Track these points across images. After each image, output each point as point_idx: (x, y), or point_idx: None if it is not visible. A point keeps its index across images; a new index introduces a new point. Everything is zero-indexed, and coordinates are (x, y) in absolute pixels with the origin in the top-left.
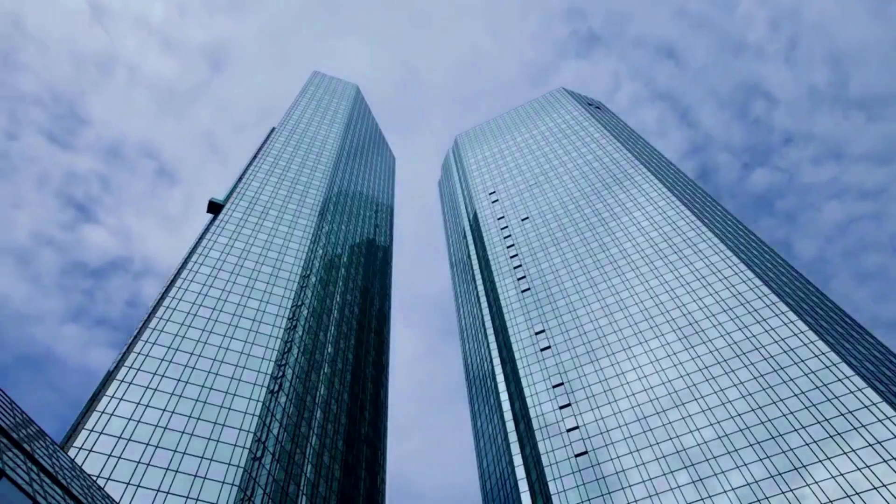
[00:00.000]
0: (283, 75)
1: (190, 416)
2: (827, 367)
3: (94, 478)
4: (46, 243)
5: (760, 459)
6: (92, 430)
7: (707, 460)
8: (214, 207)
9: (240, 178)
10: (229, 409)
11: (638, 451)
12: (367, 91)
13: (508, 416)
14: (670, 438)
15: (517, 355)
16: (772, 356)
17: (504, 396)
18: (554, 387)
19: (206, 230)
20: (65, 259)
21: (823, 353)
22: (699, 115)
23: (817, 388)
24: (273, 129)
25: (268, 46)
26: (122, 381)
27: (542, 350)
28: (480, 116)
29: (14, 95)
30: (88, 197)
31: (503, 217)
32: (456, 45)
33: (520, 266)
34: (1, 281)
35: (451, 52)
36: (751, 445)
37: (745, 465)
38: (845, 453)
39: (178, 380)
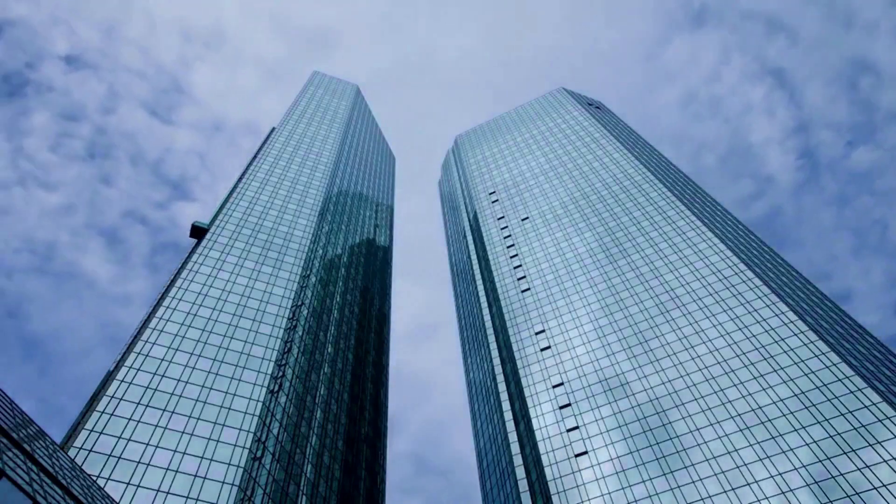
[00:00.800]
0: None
1: (190, 416)
2: (827, 367)
3: (94, 478)
4: (138, 222)
5: (760, 459)
6: (92, 430)
7: (707, 460)
8: (197, 232)
9: (240, 179)
10: (229, 409)
11: (638, 451)
12: (367, 90)
13: (508, 416)
14: (670, 438)
15: (517, 355)
16: (772, 356)
17: (504, 396)
18: (554, 387)
19: (207, 229)
20: (155, 239)
21: (823, 353)
22: (806, 91)
23: (817, 388)
24: (273, 129)
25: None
26: (122, 381)
27: (542, 350)
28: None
29: (117, 67)
30: (184, 174)
31: (503, 217)
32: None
33: (520, 266)
34: (89, 261)
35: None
36: (751, 445)
37: (746, 465)
38: (845, 453)
39: (178, 380)
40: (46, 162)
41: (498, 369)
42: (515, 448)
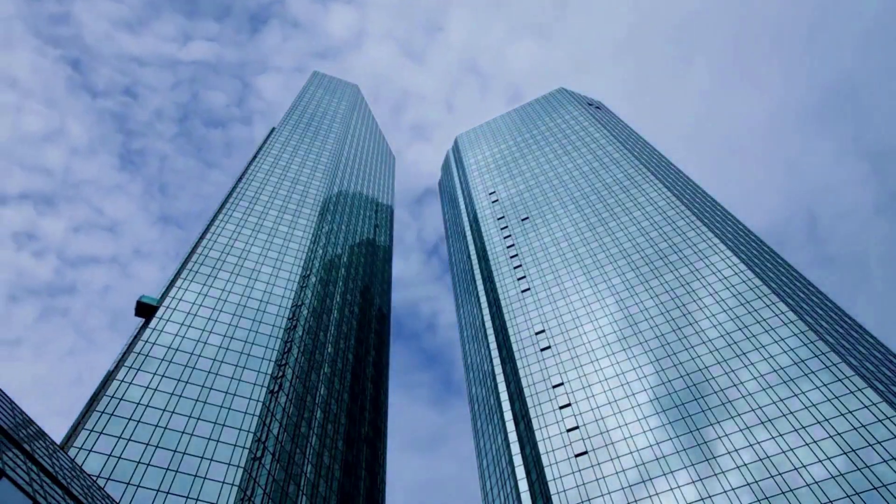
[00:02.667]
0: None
1: (190, 416)
2: (827, 367)
3: (94, 478)
4: None
5: (760, 459)
6: (92, 430)
7: (707, 460)
8: (144, 310)
9: (240, 178)
10: (229, 409)
11: (638, 451)
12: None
13: (508, 416)
14: (670, 439)
15: (517, 355)
16: (772, 356)
17: (504, 396)
18: (554, 387)
19: (207, 230)
20: None
21: (823, 353)
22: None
23: (817, 388)
24: (273, 129)
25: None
26: (122, 381)
27: (542, 350)
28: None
29: None
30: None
31: (503, 217)
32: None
33: (520, 266)
34: None
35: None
36: (751, 445)
37: (746, 465)
38: (845, 453)
39: (178, 380)
40: None
41: (498, 369)
42: (515, 448)
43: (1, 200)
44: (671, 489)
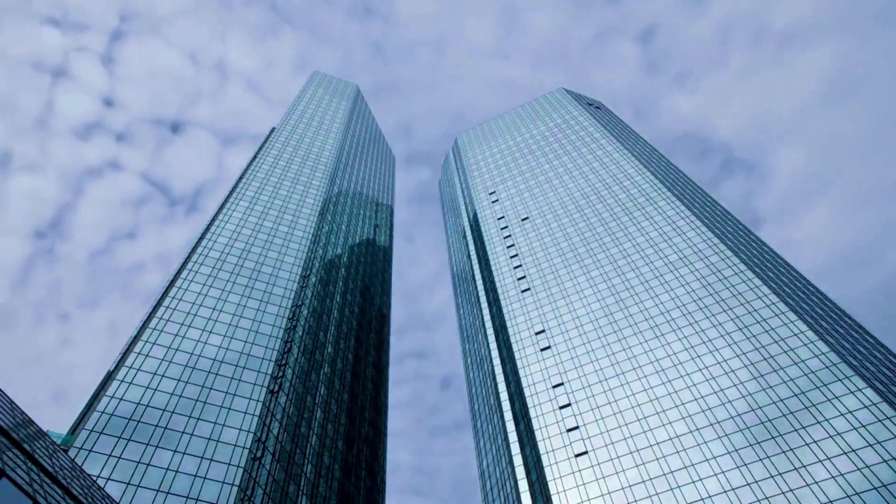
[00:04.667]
0: None
1: (190, 416)
2: (827, 367)
3: (94, 478)
4: None
5: (760, 459)
6: (92, 430)
7: (707, 460)
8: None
9: (240, 178)
10: (229, 409)
11: (638, 451)
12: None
13: (508, 416)
14: (670, 438)
15: (517, 355)
16: (772, 356)
17: (504, 396)
18: (554, 387)
19: (207, 230)
20: None
21: (823, 353)
22: None
23: (817, 388)
24: (273, 129)
25: None
26: (122, 381)
27: (542, 350)
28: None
29: None
30: None
31: (503, 217)
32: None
33: (520, 266)
34: None
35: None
36: (751, 445)
37: (746, 464)
38: (845, 453)
39: (178, 380)
40: None
41: (498, 369)
42: (515, 448)
43: None
44: (671, 489)
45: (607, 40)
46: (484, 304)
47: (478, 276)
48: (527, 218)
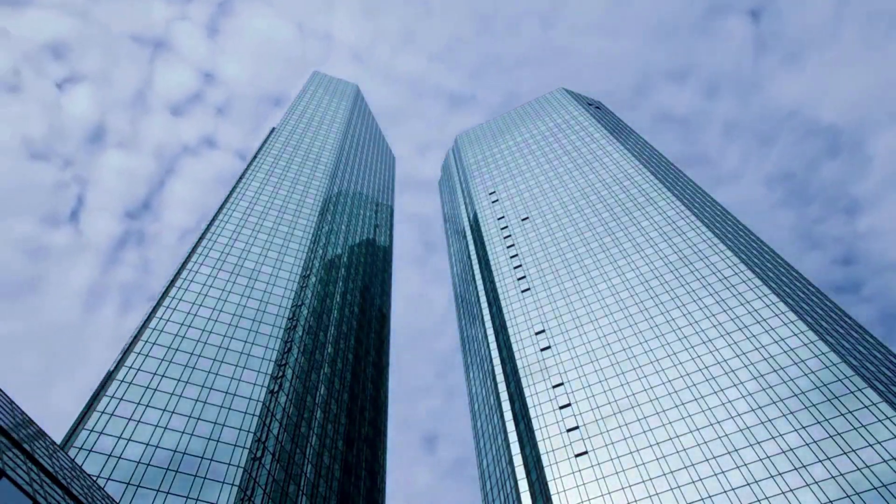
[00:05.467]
0: None
1: (190, 416)
2: (827, 367)
3: (94, 478)
4: None
5: (760, 459)
6: (92, 430)
7: (707, 460)
8: None
9: (240, 178)
10: (229, 409)
11: (638, 451)
12: (368, 89)
13: (508, 416)
14: (670, 438)
15: (517, 355)
16: (772, 356)
17: (504, 396)
18: (554, 387)
19: (207, 230)
20: None
21: (823, 353)
22: None
23: (817, 388)
24: (273, 129)
25: None
26: (122, 381)
27: (542, 350)
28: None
29: None
30: None
31: (503, 217)
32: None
33: (520, 266)
34: None
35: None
36: (751, 445)
37: (746, 464)
38: (845, 453)
39: (178, 380)
40: None
41: (498, 369)
42: (515, 448)
43: None
44: (671, 489)
45: (717, 17)
46: (484, 304)
47: (478, 276)
48: (527, 218)
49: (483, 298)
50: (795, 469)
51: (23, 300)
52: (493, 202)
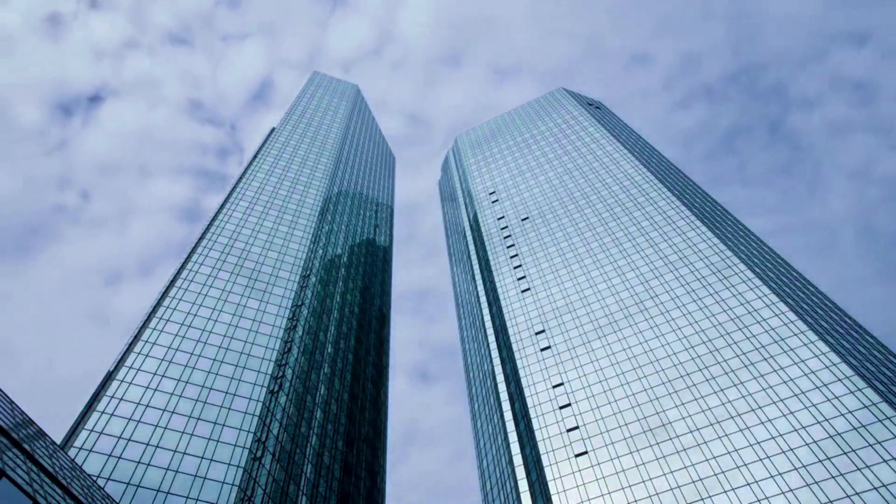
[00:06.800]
0: None
1: (190, 416)
2: (827, 367)
3: (94, 478)
4: None
5: (760, 459)
6: (92, 430)
7: (707, 460)
8: None
9: (240, 178)
10: (229, 409)
11: (638, 450)
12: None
13: (508, 416)
14: (670, 439)
15: (517, 355)
16: (772, 356)
17: (504, 396)
18: (554, 387)
19: (207, 230)
20: None
21: (823, 353)
22: None
23: (817, 388)
24: (273, 129)
25: None
26: (122, 381)
27: (542, 350)
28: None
29: None
30: None
31: (503, 217)
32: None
33: (520, 266)
34: None
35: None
36: (751, 445)
37: (746, 465)
38: (845, 454)
39: (178, 380)
40: None
41: (498, 369)
42: (515, 448)
43: None
44: (671, 489)
45: None
46: (484, 305)
47: (478, 276)
48: (527, 218)
49: (483, 298)
50: (795, 469)
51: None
52: (493, 202)
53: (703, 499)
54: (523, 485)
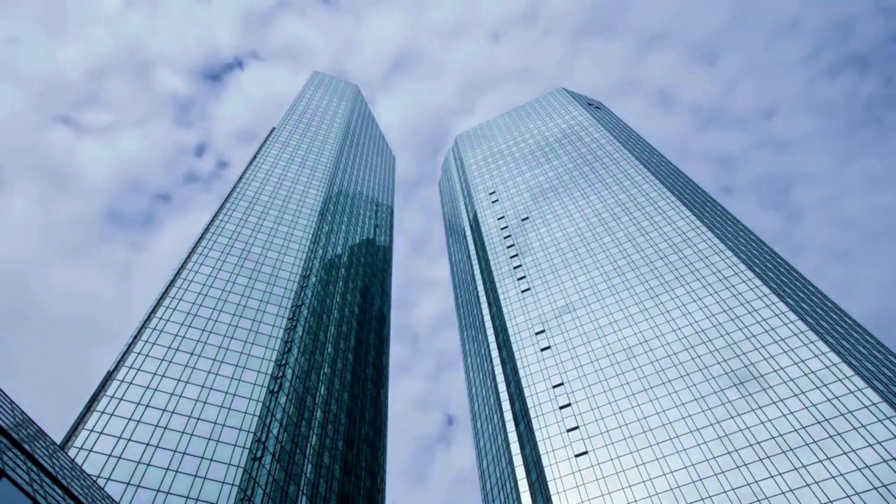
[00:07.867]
0: None
1: (190, 416)
2: (827, 367)
3: (94, 478)
4: None
5: (760, 459)
6: (92, 430)
7: (707, 460)
8: None
9: (240, 178)
10: (229, 409)
11: (638, 450)
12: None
13: (508, 416)
14: (670, 439)
15: (517, 355)
16: (772, 356)
17: (504, 396)
18: (554, 387)
19: (206, 230)
20: None
21: (823, 353)
22: None
23: (817, 388)
24: (273, 129)
25: None
26: (122, 381)
27: (542, 350)
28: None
29: None
30: None
31: (503, 217)
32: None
33: (520, 266)
34: None
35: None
36: (751, 445)
37: (746, 465)
38: (845, 453)
39: (178, 380)
40: None
41: (498, 369)
42: (515, 448)
43: None
44: (671, 489)
45: None
46: (484, 304)
47: (478, 276)
48: (527, 218)
49: (483, 298)
50: (795, 469)
51: None
52: (493, 202)
53: (703, 499)
54: (523, 485)
